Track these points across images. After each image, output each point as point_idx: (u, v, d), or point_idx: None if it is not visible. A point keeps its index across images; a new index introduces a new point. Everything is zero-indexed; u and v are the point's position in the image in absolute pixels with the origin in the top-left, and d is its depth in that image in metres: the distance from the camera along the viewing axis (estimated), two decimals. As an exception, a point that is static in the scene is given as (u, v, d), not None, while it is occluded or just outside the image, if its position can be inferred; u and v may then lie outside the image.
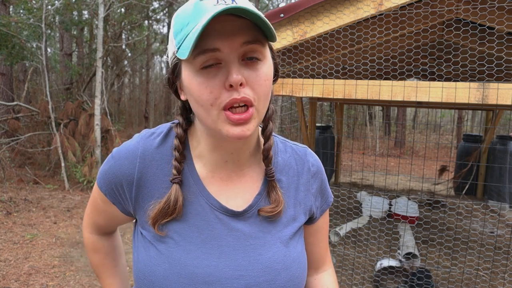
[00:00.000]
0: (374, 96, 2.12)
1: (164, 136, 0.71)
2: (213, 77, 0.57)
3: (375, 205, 5.05)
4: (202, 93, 0.58)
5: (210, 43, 0.55)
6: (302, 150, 0.78)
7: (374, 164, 10.83)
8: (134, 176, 0.68)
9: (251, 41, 0.57)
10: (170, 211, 0.65)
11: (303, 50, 2.76)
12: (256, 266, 0.65)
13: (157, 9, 12.06)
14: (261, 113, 0.62)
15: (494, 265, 3.62)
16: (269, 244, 0.68)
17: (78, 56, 11.64)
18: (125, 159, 0.68)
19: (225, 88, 0.57)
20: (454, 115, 16.73)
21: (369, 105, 12.73)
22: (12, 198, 5.55)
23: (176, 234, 0.66)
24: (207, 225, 0.66)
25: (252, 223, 0.68)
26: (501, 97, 1.90)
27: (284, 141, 0.79)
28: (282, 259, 0.67)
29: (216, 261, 0.64)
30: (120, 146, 0.71)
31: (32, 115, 7.98)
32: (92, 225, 0.83)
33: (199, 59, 0.56)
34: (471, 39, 2.70)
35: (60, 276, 3.38)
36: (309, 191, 0.75)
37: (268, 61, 0.62)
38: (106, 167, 0.70)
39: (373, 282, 3.21)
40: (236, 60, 0.57)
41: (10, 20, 6.86)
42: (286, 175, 0.74)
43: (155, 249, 0.65)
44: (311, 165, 0.77)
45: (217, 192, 0.69)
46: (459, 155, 7.11)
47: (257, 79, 0.59)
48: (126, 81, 18.28)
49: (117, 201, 0.72)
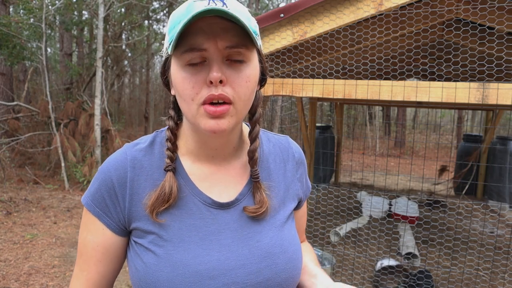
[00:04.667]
0: (374, 96, 2.12)
1: (150, 143, 0.73)
2: (197, 73, 0.60)
3: (375, 205, 5.05)
4: (185, 88, 0.61)
5: (198, 42, 0.59)
6: (284, 139, 0.83)
7: (374, 164, 10.83)
8: (126, 180, 0.68)
9: (235, 46, 0.60)
10: (167, 197, 0.66)
11: (303, 50, 2.76)
12: (256, 253, 0.68)
13: (157, 9, 12.05)
14: (240, 113, 0.64)
15: (494, 265, 3.62)
16: (265, 230, 0.70)
17: (78, 56, 11.64)
18: (115, 169, 0.69)
19: (206, 84, 0.60)
20: (454, 115, 16.74)
21: (369, 105, 12.73)
22: (12, 198, 5.56)
23: (174, 235, 0.66)
24: (203, 222, 0.68)
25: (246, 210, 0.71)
26: (501, 97, 1.90)
27: (265, 132, 0.83)
28: (280, 243, 0.70)
29: (217, 255, 0.66)
30: (105, 161, 0.71)
31: (32, 115, 7.98)
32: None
33: (186, 56, 0.60)
34: (471, 39, 2.70)
35: (60, 276, 3.38)
36: (295, 176, 0.79)
37: (253, 64, 0.64)
38: (96, 185, 0.69)
39: (373, 282, 3.21)
40: (219, 59, 0.60)
41: (10, 20, 6.86)
42: (273, 161, 0.77)
43: (154, 255, 0.65)
44: (295, 151, 0.81)
45: (208, 187, 0.71)
46: (459, 155, 7.11)
47: (238, 79, 0.61)
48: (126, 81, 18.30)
49: (110, 217, 0.69)
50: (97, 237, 0.69)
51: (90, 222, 0.70)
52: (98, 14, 7.01)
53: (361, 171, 8.83)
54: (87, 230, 0.71)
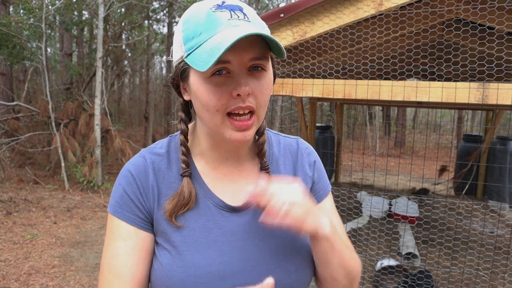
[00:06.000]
0: (374, 96, 2.12)
1: (166, 148, 0.74)
2: (222, 85, 0.61)
3: (375, 205, 5.05)
4: (210, 99, 0.62)
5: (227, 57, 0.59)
6: (294, 141, 0.83)
7: (374, 164, 10.83)
8: (149, 181, 0.70)
9: (259, 58, 0.62)
10: (186, 202, 0.68)
11: (303, 50, 2.76)
12: (266, 254, 0.69)
13: (157, 9, 12.04)
14: (261, 119, 0.67)
15: (494, 265, 3.62)
16: (277, 231, 0.70)
17: (78, 56, 11.64)
18: (137, 173, 0.71)
19: (232, 96, 0.61)
20: (454, 115, 16.74)
21: (369, 105, 12.73)
22: (12, 198, 5.56)
23: (188, 236, 0.67)
24: (216, 224, 0.69)
25: (258, 214, 0.70)
26: (501, 97, 1.90)
27: (277, 134, 0.84)
28: (291, 244, 0.70)
29: (228, 257, 0.67)
30: (125, 167, 0.72)
31: (32, 115, 7.98)
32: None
33: (210, 68, 0.59)
34: (471, 39, 2.70)
35: (60, 276, 3.38)
36: (307, 174, 0.79)
37: (270, 71, 0.66)
38: (120, 190, 0.70)
39: (373, 282, 3.20)
40: (244, 72, 0.62)
41: (10, 20, 6.86)
42: (282, 164, 0.78)
43: (169, 254, 0.67)
44: (304, 151, 0.82)
45: (221, 188, 0.72)
46: (459, 155, 7.11)
47: (260, 89, 0.63)
48: (126, 81, 18.30)
49: (139, 217, 0.69)
50: (130, 240, 0.68)
51: (120, 228, 0.69)
52: (98, 14, 7.01)
53: (361, 171, 8.82)
54: (116, 238, 0.69)
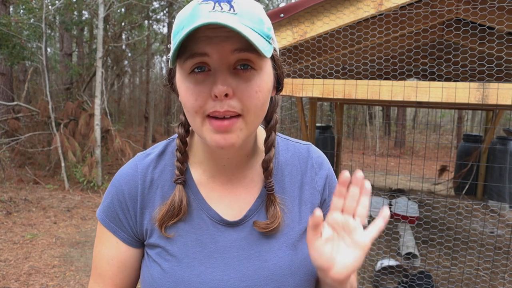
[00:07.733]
0: (374, 96, 2.12)
1: (160, 153, 0.71)
2: (200, 83, 0.55)
3: (375, 205, 5.05)
4: (188, 99, 0.56)
5: (198, 47, 0.53)
6: (305, 148, 0.75)
7: (374, 164, 10.83)
8: (137, 193, 0.67)
9: (243, 49, 0.53)
10: (176, 211, 0.64)
11: (303, 50, 2.76)
12: (262, 274, 0.64)
13: (157, 9, 12.04)
14: (252, 125, 0.58)
15: (494, 265, 3.62)
16: (274, 249, 0.66)
17: (78, 56, 11.64)
18: (126, 183, 0.68)
19: (211, 97, 0.55)
20: (454, 115, 16.73)
21: (369, 105, 12.73)
22: (12, 198, 5.56)
23: (180, 250, 0.65)
24: (210, 238, 0.65)
25: (255, 230, 0.67)
26: (501, 97, 1.90)
27: (286, 139, 0.76)
28: (289, 264, 0.66)
29: (220, 275, 0.63)
30: (117, 174, 0.70)
31: (32, 115, 7.98)
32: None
33: (188, 63, 0.55)
34: (471, 39, 2.70)
35: (60, 276, 3.38)
36: (315, 188, 0.72)
37: (265, 72, 0.58)
38: (108, 199, 0.69)
39: (373, 282, 3.20)
40: (225, 68, 0.54)
41: (10, 20, 6.87)
42: (289, 174, 0.71)
43: (160, 268, 0.65)
44: (315, 162, 0.74)
45: (217, 199, 0.68)
46: (459, 155, 7.11)
47: (247, 90, 0.55)
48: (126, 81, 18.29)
49: (124, 231, 0.69)
50: (111, 251, 0.69)
51: (104, 236, 0.69)
52: (98, 14, 7.01)
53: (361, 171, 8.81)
54: (101, 244, 0.70)
